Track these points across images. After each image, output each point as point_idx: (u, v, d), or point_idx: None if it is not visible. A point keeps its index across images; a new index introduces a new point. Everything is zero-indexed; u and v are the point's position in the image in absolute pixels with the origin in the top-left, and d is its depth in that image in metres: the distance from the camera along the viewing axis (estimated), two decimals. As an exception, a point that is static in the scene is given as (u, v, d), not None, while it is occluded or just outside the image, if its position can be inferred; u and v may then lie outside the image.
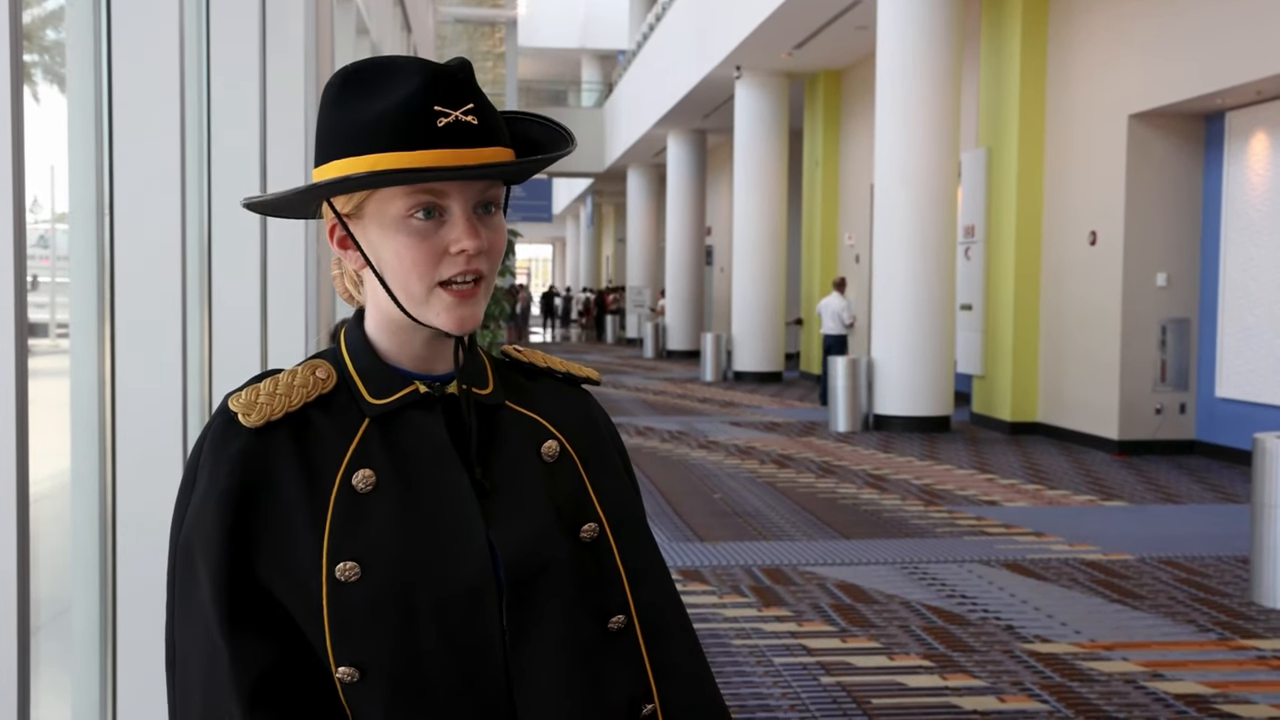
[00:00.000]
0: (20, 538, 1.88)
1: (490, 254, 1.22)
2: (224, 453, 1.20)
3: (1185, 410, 11.74)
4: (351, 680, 1.17)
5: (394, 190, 1.19)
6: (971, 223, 13.97)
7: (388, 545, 1.19)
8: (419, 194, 1.19)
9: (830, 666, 5.03)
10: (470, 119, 1.18)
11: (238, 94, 4.18)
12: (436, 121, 1.17)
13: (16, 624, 1.86)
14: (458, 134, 1.17)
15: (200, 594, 1.18)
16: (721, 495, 9.20)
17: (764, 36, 17.18)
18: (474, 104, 1.19)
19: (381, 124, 1.18)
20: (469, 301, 1.21)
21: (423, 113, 1.17)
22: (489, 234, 1.21)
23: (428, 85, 1.18)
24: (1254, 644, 5.41)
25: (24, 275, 1.91)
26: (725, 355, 20.39)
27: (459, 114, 1.18)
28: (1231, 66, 10.07)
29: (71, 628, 2.97)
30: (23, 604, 1.88)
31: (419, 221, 1.19)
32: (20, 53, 1.91)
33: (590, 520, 1.29)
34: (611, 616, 1.28)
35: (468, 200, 1.20)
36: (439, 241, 1.19)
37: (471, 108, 1.19)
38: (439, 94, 1.18)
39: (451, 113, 1.18)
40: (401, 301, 1.22)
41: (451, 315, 1.21)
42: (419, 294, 1.20)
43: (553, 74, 41.02)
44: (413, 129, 1.17)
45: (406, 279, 1.20)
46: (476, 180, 1.20)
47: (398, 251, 1.20)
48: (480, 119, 1.19)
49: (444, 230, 1.20)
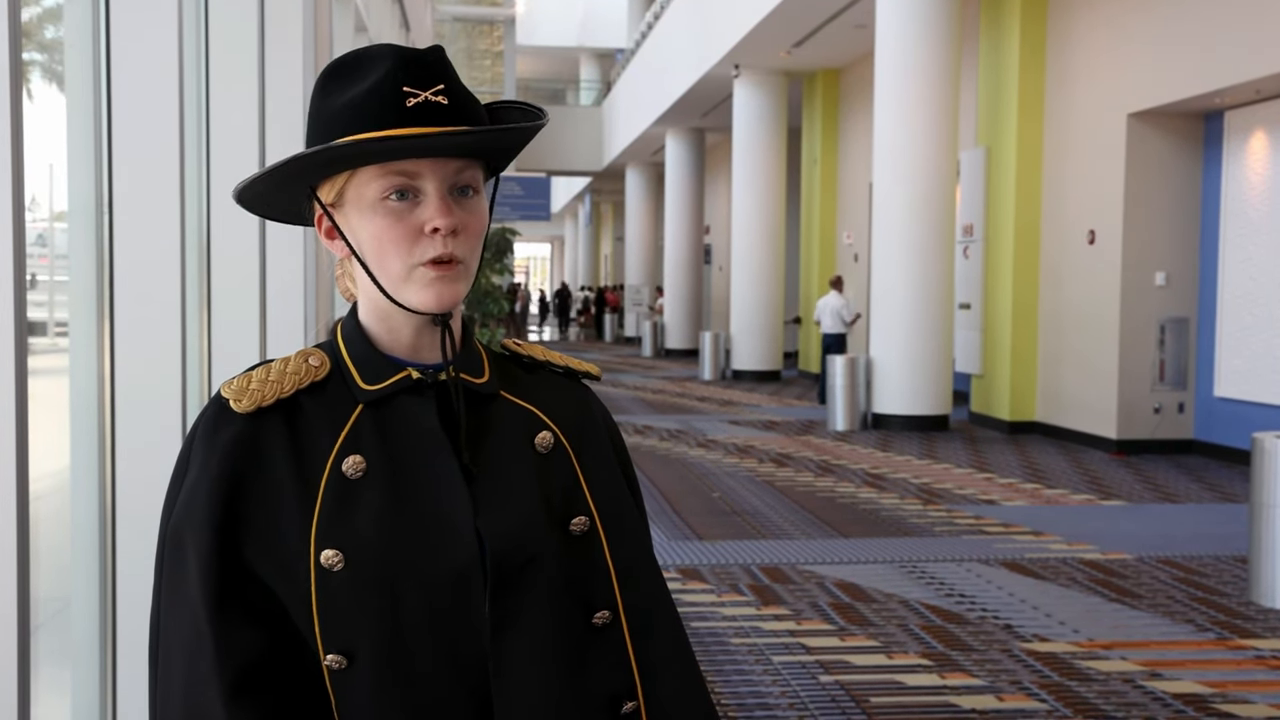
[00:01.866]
0: (20, 536, 1.88)
1: (467, 236, 1.22)
2: (215, 439, 1.21)
3: (1184, 409, 11.74)
4: (339, 667, 1.17)
5: (369, 174, 1.21)
6: (970, 222, 13.98)
7: (376, 532, 1.19)
8: (392, 175, 1.20)
9: (829, 665, 5.04)
10: (441, 99, 1.20)
11: (236, 92, 4.17)
12: (406, 102, 1.19)
13: (17, 622, 1.86)
14: (427, 113, 1.19)
15: (188, 582, 1.18)
16: (720, 494, 9.20)
17: (763, 35, 17.17)
18: (444, 85, 1.21)
19: (353, 108, 1.20)
20: (446, 279, 1.21)
21: (392, 94, 1.19)
22: (464, 215, 1.22)
23: (397, 69, 1.20)
24: (1252, 643, 5.41)
25: (23, 274, 1.91)
26: (724, 354, 20.40)
27: (428, 94, 1.19)
28: (1230, 65, 10.07)
29: (71, 625, 2.97)
30: (23, 601, 1.88)
31: (394, 203, 1.21)
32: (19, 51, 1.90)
33: (581, 513, 1.29)
34: (597, 611, 1.28)
35: (442, 180, 1.21)
36: (414, 221, 1.21)
37: (442, 88, 1.20)
38: (409, 76, 1.20)
39: (421, 93, 1.19)
40: (382, 284, 1.23)
41: (428, 293, 1.21)
42: (397, 274, 1.21)
43: (551, 72, 41.00)
44: (383, 109, 1.18)
45: (384, 259, 1.22)
46: (446, 157, 1.21)
47: (374, 234, 1.21)
48: (451, 99, 1.20)
49: (418, 210, 1.21)
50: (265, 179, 1.24)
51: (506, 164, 1.33)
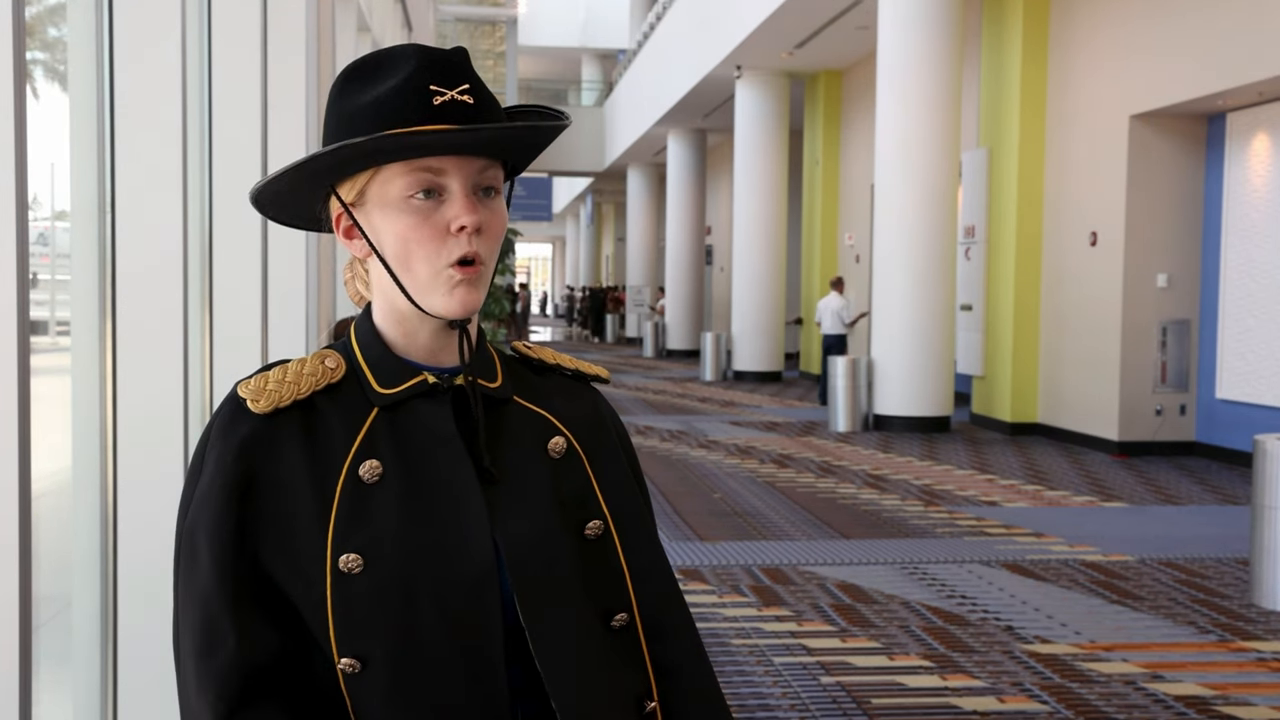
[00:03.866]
0: (22, 535, 1.88)
1: (490, 235, 1.22)
2: (231, 439, 1.20)
3: (1185, 411, 11.73)
4: (353, 671, 1.17)
5: (394, 171, 1.20)
6: (972, 223, 13.97)
7: (392, 537, 1.19)
8: (418, 172, 1.19)
9: (830, 666, 5.03)
10: (466, 98, 1.19)
11: (239, 90, 4.17)
12: (433, 100, 1.18)
13: (18, 621, 1.86)
14: (454, 111, 1.18)
15: (201, 579, 1.18)
16: (721, 495, 9.20)
17: (765, 36, 17.17)
18: (470, 85, 1.20)
19: (379, 106, 1.19)
20: (469, 284, 1.21)
21: (418, 92, 1.18)
22: (488, 215, 1.22)
23: (423, 67, 1.19)
24: (1254, 646, 5.41)
25: (26, 273, 1.91)
26: (725, 355, 20.39)
27: (454, 94, 1.19)
28: (1233, 67, 10.07)
29: (71, 624, 2.96)
30: (24, 601, 1.88)
31: (419, 201, 1.20)
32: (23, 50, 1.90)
33: (595, 518, 1.29)
34: (615, 614, 1.28)
35: (467, 179, 1.20)
36: (439, 220, 1.20)
37: (467, 88, 1.20)
38: (435, 75, 1.19)
39: (448, 92, 1.19)
40: (405, 285, 1.22)
41: (452, 299, 1.21)
42: (423, 276, 1.21)
43: (553, 73, 41.00)
44: (408, 107, 1.18)
45: (410, 261, 1.21)
46: (474, 156, 1.20)
47: (399, 233, 1.20)
48: (476, 99, 1.20)
49: (444, 209, 1.20)
50: (286, 177, 1.23)
51: (526, 165, 1.32)
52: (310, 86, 4.92)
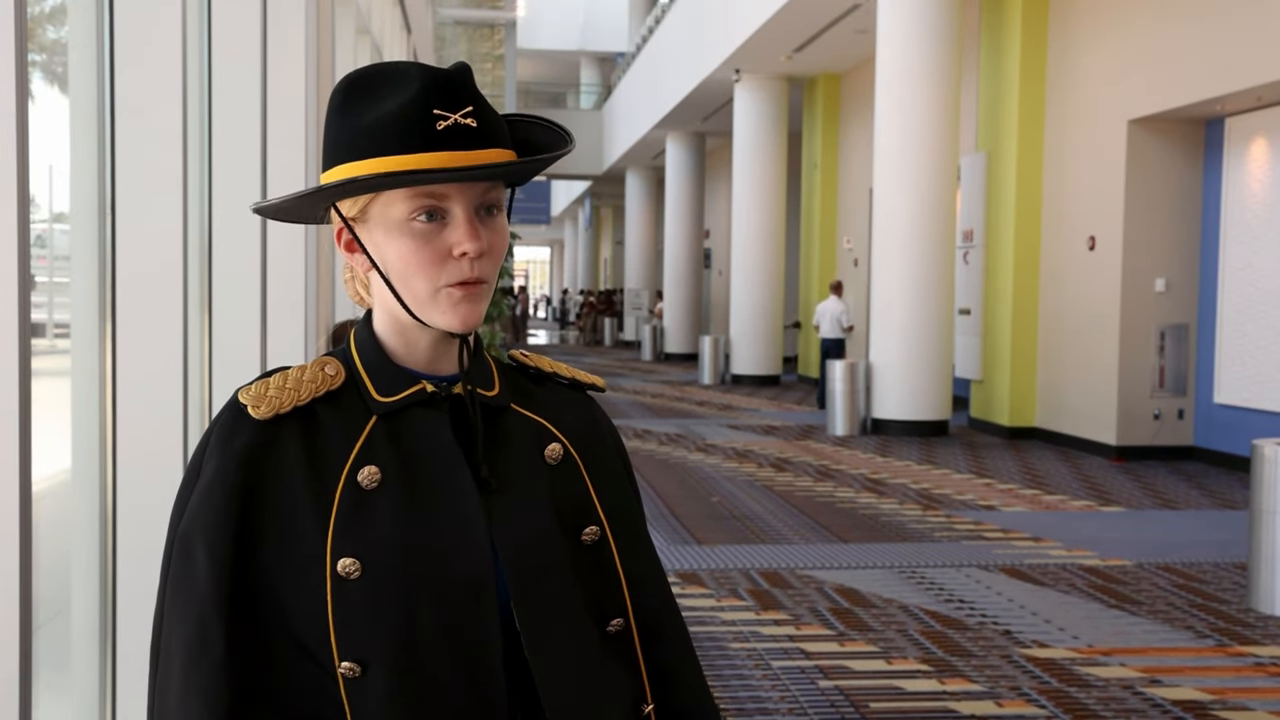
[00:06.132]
0: (22, 536, 1.88)
1: (492, 256, 1.23)
2: (231, 444, 1.21)
3: (1183, 416, 11.74)
4: (352, 676, 1.17)
5: (396, 193, 1.21)
6: (970, 227, 13.98)
7: (391, 543, 1.19)
8: (421, 197, 1.20)
9: (828, 670, 5.03)
10: (469, 121, 1.20)
11: (239, 92, 4.17)
12: (436, 124, 1.18)
13: (19, 622, 1.86)
14: (457, 136, 1.19)
15: (196, 584, 1.18)
16: (719, 498, 9.20)
17: (763, 40, 17.19)
18: (473, 106, 1.21)
19: (382, 128, 1.19)
20: (470, 300, 1.22)
21: (422, 116, 1.18)
22: (490, 236, 1.23)
23: (427, 89, 1.19)
24: (1252, 650, 5.41)
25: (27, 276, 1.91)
26: (723, 358, 20.39)
27: (458, 117, 1.19)
28: (1232, 72, 10.08)
29: (70, 627, 2.96)
30: (25, 602, 1.88)
31: (421, 224, 1.21)
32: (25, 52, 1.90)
33: (592, 523, 1.31)
34: (611, 619, 1.30)
35: (469, 202, 1.21)
36: (441, 244, 1.21)
37: (470, 110, 1.20)
38: (438, 97, 1.19)
39: (451, 115, 1.19)
40: (406, 302, 1.23)
41: (454, 315, 1.22)
42: (423, 295, 1.22)
43: (552, 76, 41.01)
44: (413, 132, 1.18)
45: (411, 281, 1.22)
46: (477, 181, 1.21)
47: (401, 254, 1.21)
48: (480, 121, 1.21)
49: (446, 232, 1.21)
50: (290, 201, 1.26)
51: (527, 181, 1.34)
52: (310, 89, 4.92)
